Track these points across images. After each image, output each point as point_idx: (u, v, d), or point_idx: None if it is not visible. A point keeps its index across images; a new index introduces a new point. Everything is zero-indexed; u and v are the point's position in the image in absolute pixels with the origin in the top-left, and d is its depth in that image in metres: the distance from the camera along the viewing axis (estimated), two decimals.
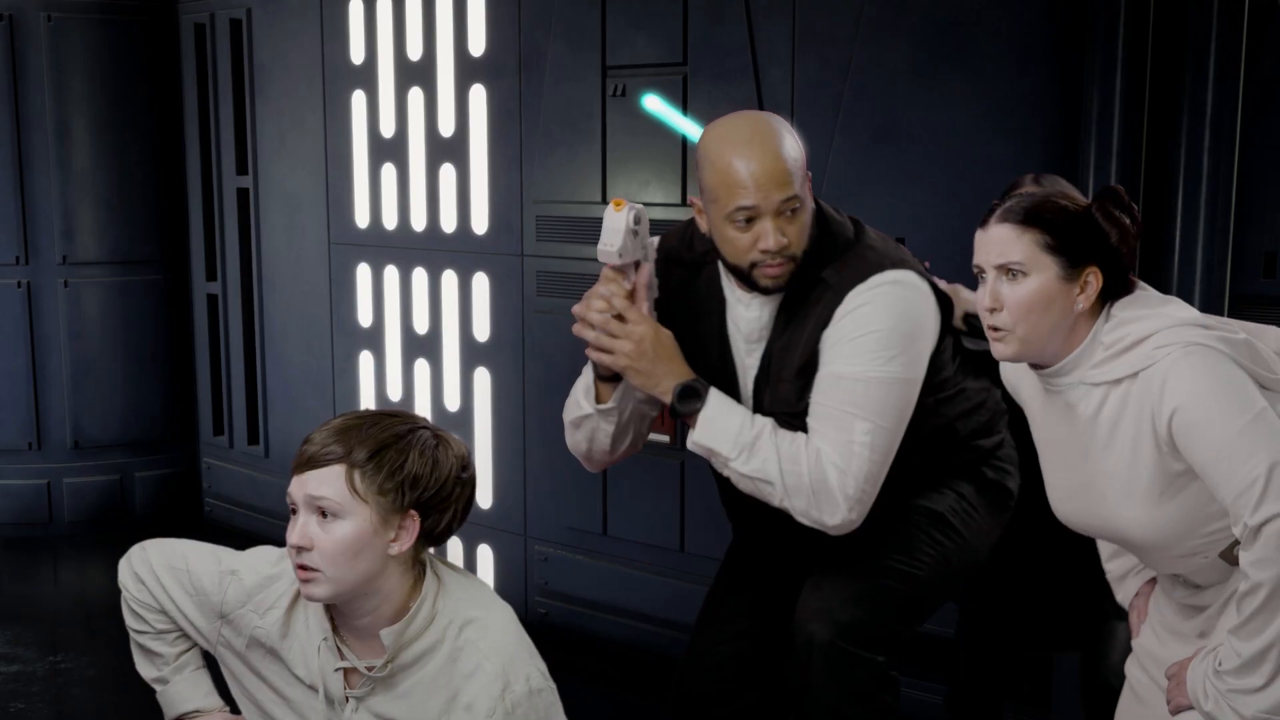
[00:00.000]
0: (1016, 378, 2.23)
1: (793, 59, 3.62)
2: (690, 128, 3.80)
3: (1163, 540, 2.02)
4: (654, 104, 3.89)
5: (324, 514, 1.91)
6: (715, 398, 2.30)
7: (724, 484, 2.53)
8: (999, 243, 2.00)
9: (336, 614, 2.01)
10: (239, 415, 5.42)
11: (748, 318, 2.36)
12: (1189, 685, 1.98)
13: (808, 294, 2.30)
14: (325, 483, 1.90)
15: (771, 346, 2.34)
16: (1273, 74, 2.90)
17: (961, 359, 2.43)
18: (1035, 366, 2.09)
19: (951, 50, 3.35)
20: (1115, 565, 2.34)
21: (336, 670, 2.02)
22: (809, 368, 2.29)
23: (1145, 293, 2.06)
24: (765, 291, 2.29)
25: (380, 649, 1.97)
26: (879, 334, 2.23)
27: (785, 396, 2.32)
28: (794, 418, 2.29)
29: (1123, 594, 2.32)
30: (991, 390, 2.50)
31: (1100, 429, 2.01)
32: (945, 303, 2.35)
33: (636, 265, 2.32)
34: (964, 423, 2.43)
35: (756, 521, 2.51)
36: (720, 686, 2.57)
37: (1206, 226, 2.95)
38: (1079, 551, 2.73)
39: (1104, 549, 2.35)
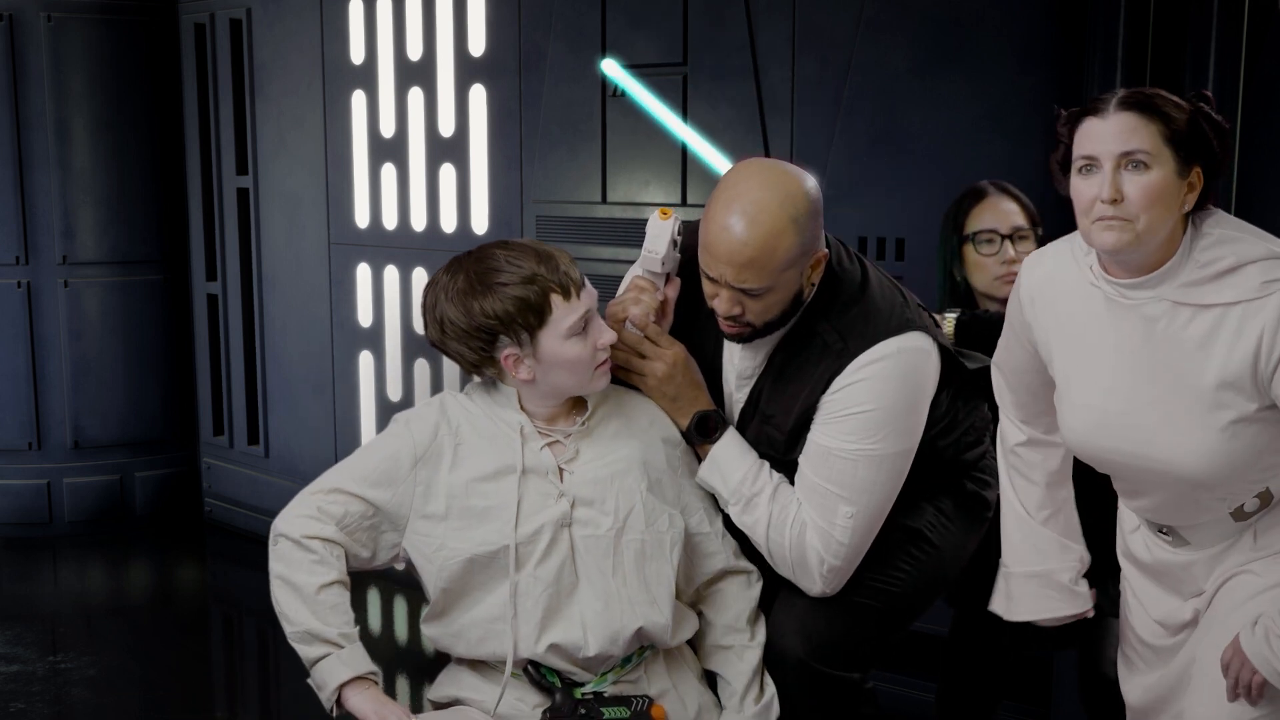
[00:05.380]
0: (1053, 290, 2.10)
1: (793, 59, 3.62)
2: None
3: (1206, 476, 1.96)
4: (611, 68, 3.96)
5: None
6: (729, 438, 2.28)
7: None
8: (1123, 131, 1.91)
9: (527, 399, 2.24)
10: (239, 415, 5.42)
11: (743, 356, 2.34)
12: (1253, 660, 1.93)
13: (805, 345, 2.26)
14: None
15: (760, 385, 2.32)
16: (1273, 74, 2.90)
17: (959, 385, 2.37)
18: (1113, 276, 1.99)
19: (951, 50, 3.35)
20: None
21: (542, 449, 2.22)
22: (803, 427, 2.26)
23: (1221, 213, 1.98)
24: (725, 337, 2.29)
25: (566, 417, 2.25)
26: (874, 413, 2.19)
27: (774, 441, 2.30)
28: (781, 465, 2.29)
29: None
30: (981, 406, 2.46)
31: (1183, 349, 1.94)
32: (947, 355, 2.30)
33: (667, 278, 2.32)
34: (955, 446, 2.41)
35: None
36: None
37: None
38: None
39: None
